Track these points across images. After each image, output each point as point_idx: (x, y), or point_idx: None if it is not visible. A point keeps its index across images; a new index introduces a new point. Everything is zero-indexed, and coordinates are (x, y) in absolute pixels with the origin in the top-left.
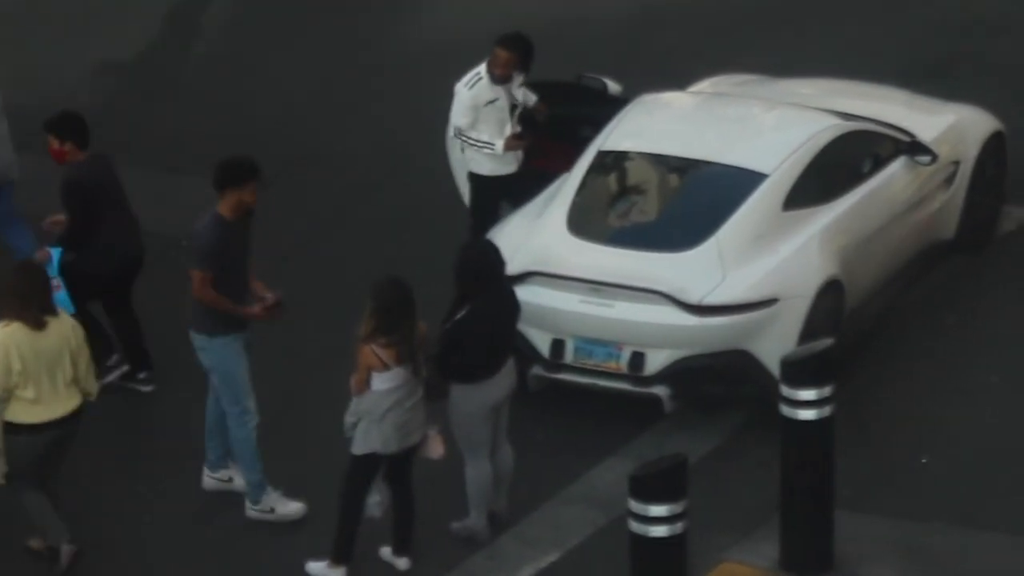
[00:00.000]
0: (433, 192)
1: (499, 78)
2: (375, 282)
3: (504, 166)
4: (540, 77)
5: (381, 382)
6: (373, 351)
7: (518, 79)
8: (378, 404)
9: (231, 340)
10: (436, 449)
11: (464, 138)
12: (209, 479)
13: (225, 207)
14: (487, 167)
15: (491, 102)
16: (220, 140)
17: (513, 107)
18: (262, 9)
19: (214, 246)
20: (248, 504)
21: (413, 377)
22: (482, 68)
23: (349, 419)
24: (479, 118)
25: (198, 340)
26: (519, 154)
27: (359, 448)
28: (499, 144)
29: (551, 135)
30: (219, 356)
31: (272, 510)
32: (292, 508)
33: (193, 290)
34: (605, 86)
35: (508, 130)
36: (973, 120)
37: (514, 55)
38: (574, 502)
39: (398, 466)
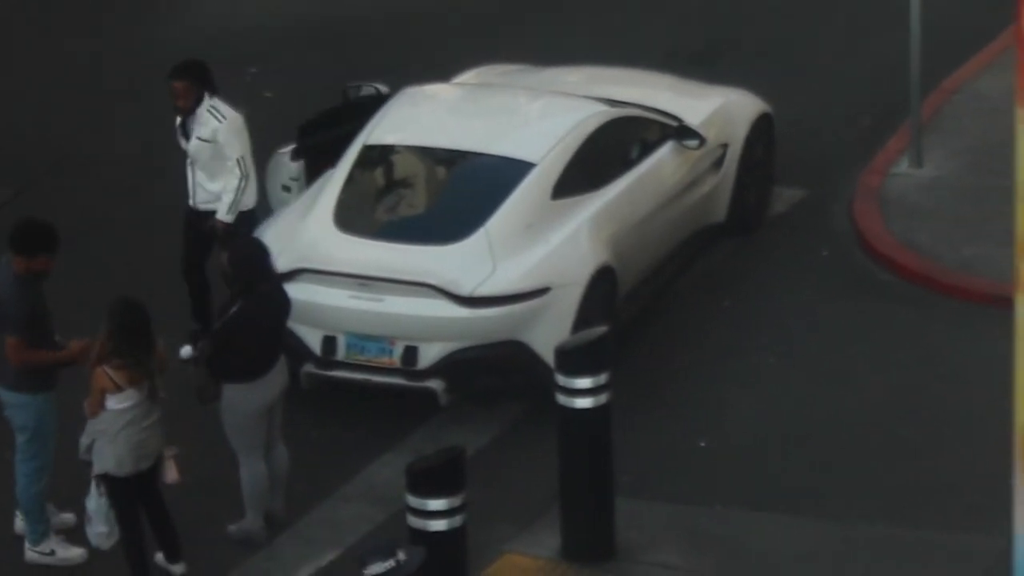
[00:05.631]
0: None
1: (181, 109)
2: (110, 303)
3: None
4: (309, 99)
5: (115, 402)
6: (106, 372)
7: (206, 111)
8: (113, 423)
9: (51, 397)
10: (170, 474)
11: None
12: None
13: (17, 267)
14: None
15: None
16: None
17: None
18: (4, 9)
19: (30, 310)
20: (28, 546)
21: (148, 399)
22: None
23: (84, 441)
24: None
25: (17, 399)
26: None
27: (96, 468)
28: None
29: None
30: (39, 414)
31: (52, 552)
32: (74, 553)
33: (11, 358)
34: (378, 91)
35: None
36: (740, 103)
37: (187, 82)
38: (352, 500)
39: (142, 488)
